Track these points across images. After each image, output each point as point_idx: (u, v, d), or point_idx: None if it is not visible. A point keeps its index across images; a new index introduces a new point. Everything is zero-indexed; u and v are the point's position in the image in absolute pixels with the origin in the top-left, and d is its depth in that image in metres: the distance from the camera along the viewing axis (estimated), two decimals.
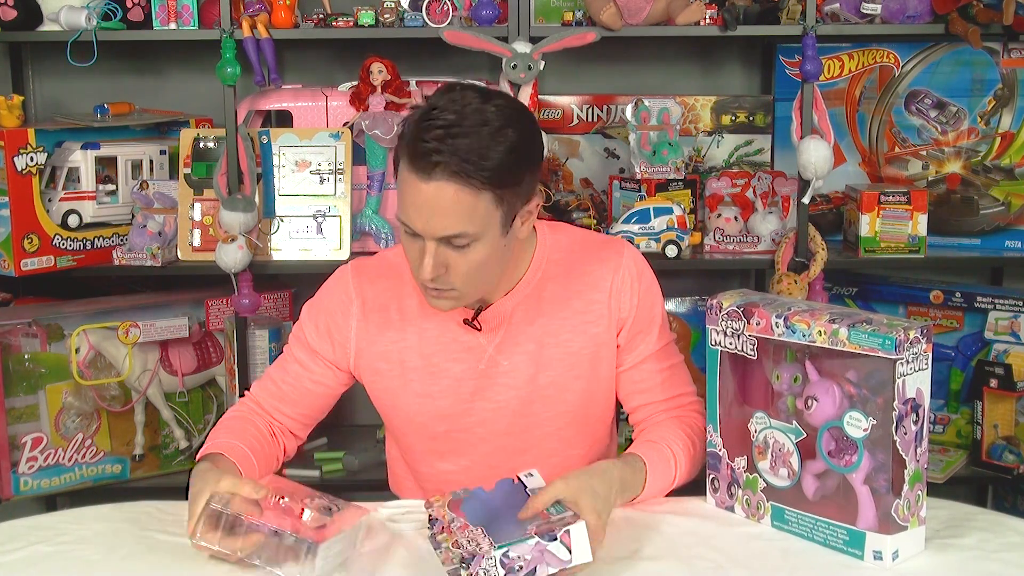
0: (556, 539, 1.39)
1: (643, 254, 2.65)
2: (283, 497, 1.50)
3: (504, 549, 1.38)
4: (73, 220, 2.55)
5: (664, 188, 2.62)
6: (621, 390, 1.82)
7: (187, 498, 1.54)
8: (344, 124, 2.61)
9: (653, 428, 1.77)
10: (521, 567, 1.37)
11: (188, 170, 2.62)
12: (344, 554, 1.50)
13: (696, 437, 1.75)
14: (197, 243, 2.60)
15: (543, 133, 2.43)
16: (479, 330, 1.73)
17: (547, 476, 1.57)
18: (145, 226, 2.58)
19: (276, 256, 2.59)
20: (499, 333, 1.73)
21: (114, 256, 2.58)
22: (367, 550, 1.54)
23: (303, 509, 1.49)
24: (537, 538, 1.39)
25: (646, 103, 2.63)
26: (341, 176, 2.59)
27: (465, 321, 1.72)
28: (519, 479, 1.55)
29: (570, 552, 1.40)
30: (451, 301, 1.65)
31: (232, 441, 1.71)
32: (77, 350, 2.58)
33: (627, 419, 1.86)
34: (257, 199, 2.53)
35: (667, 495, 1.73)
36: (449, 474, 1.80)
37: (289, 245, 2.60)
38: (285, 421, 1.81)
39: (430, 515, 1.51)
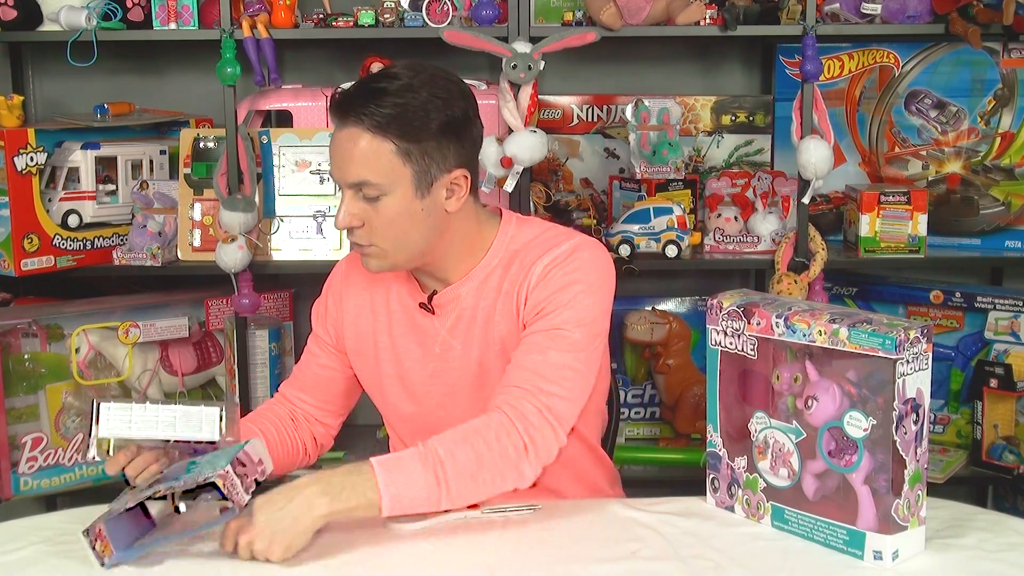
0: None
1: (643, 254, 2.63)
2: None
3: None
4: (73, 220, 2.56)
5: (664, 188, 2.62)
6: None
7: None
8: None
9: (445, 432, 1.61)
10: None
11: (188, 170, 2.62)
12: (167, 427, 1.58)
13: (489, 436, 1.58)
14: (197, 243, 2.60)
15: (544, 133, 2.46)
16: (432, 313, 1.78)
17: None
18: (145, 226, 2.58)
19: (276, 256, 2.59)
20: (450, 317, 1.77)
21: (114, 256, 2.59)
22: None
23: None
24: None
25: (646, 103, 2.63)
26: None
27: (421, 304, 1.78)
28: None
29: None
30: (376, 260, 1.70)
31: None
32: (77, 350, 2.58)
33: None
34: (257, 199, 2.53)
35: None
36: None
37: (289, 245, 2.60)
38: (304, 408, 1.92)
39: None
